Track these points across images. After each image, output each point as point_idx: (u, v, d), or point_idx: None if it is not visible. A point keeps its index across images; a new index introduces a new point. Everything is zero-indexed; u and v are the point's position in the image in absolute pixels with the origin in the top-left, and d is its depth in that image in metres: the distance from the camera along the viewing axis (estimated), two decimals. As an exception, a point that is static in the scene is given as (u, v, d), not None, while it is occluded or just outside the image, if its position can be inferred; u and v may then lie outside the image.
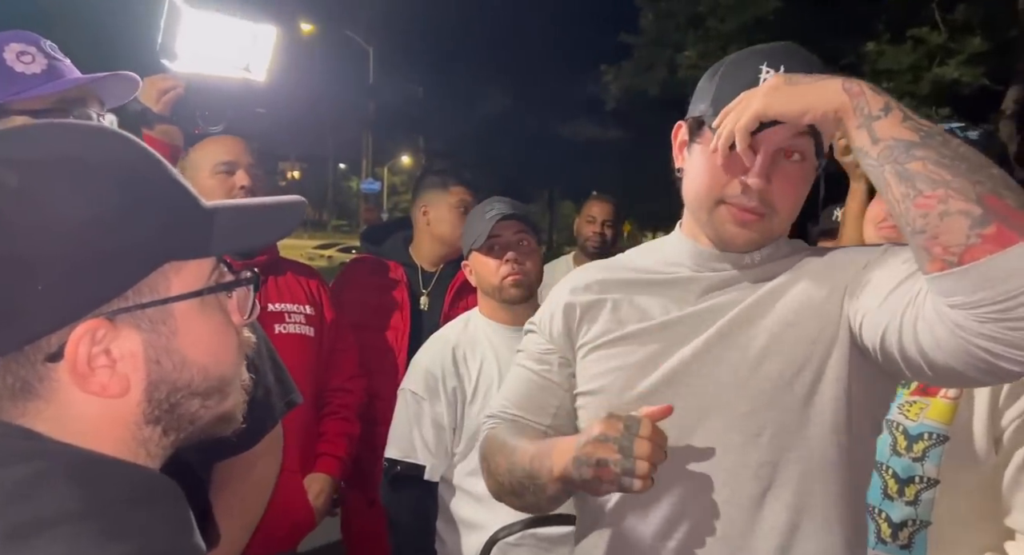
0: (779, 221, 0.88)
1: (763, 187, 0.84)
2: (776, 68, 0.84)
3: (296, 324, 1.77)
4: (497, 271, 1.52)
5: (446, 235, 2.02)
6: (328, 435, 1.82)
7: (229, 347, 0.57)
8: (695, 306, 0.90)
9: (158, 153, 0.56)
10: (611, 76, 11.69)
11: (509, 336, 1.57)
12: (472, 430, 1.50)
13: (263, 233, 0.62)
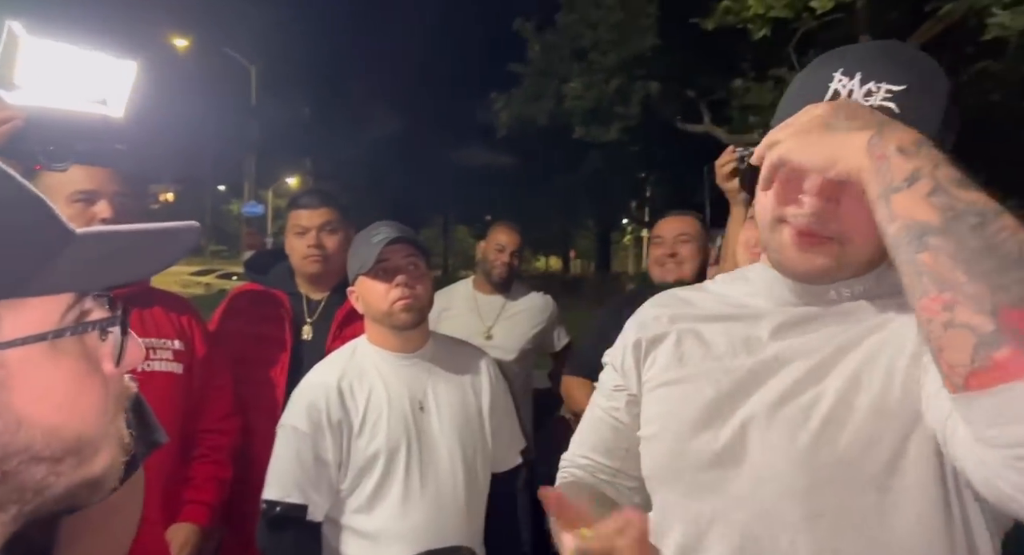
0: (854, 249, 0.73)
1: (821, 208, 0.71)
2: (852, 75, 0.70)
3: (162, 361, 1.63)
4: (386, 296, 1.47)
5: (295, 264, 2.02)
6: (196, 480, 1.68)
7: (90, 400, 0.48)
8: (764, 351, 0.78)
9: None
10: (501, 104, 11.95)
11: (399, 364, 1.52)
12: (360, 464, 1.43)
13: (135, 266, 0.52)
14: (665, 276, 2.16)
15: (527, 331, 2.71)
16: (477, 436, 1.54)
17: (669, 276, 2.15)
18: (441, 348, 1.59)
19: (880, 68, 0.70)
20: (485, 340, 2.63)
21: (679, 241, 2.17)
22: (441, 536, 1.43)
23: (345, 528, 1.44)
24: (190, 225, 0.52)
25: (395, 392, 1.48)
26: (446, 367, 1.56)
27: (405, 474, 1.44)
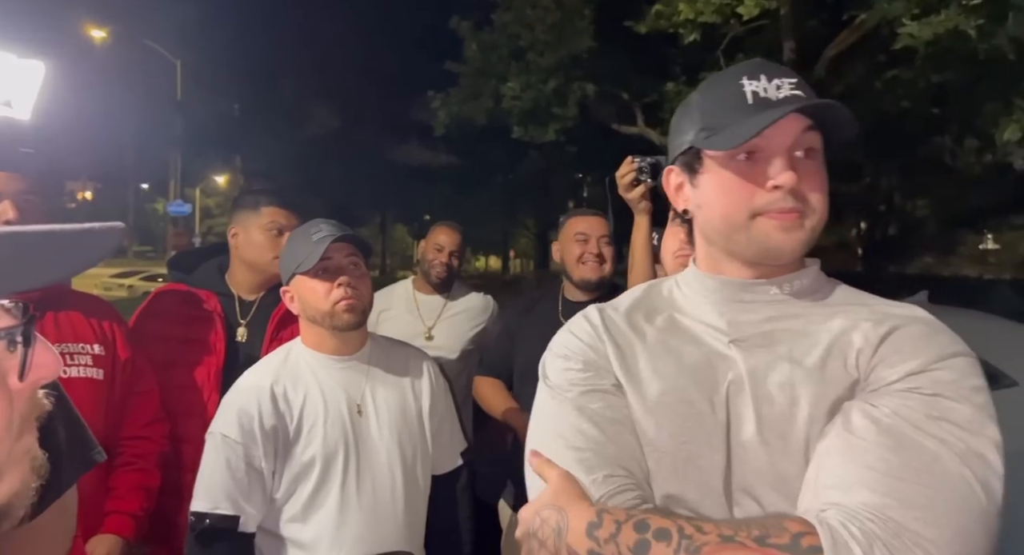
0: (817, 220, 0.80)
1: (795, 183, 0.77)
2: (757, 78, 0.80)
3: (81, 366, 1.54)
4: (328, 296, 1.43)
5: (255, 259, 1.90)
6: (119, 490, 1.60)
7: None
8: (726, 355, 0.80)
9: None
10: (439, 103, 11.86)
11: (336, 367, 1.48)
12: (295, 472, 1.39)
13: (49, 269, 0.47)
14: (589, 274, 2.16)
15: (468, 331, 2.69)
16: (417, 439, 1.51)
17: (593, 274, 2.16)
18: (380, 350, 1.56)
19: (773, 71, 0.82)
20: (426, 341, 2.60)
21: (603, 242, 2.19)
22: (380, 542, 1.41)
23: (280, 538, 1.40)
24: (112, 226, 0.48)
25: (331, 396, 1.44)
26: (385, 369, 1.53)
27: (342, 480, 1.40)
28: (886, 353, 0.75)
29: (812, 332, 0.79)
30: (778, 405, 0.75)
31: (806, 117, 0.79)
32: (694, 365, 0.80)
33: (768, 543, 0.63)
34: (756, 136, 0.76)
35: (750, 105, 0.79)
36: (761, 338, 0.80)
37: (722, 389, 0.78)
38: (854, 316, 0.80)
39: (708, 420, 0.77)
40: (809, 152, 0.80)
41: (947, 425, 0.69)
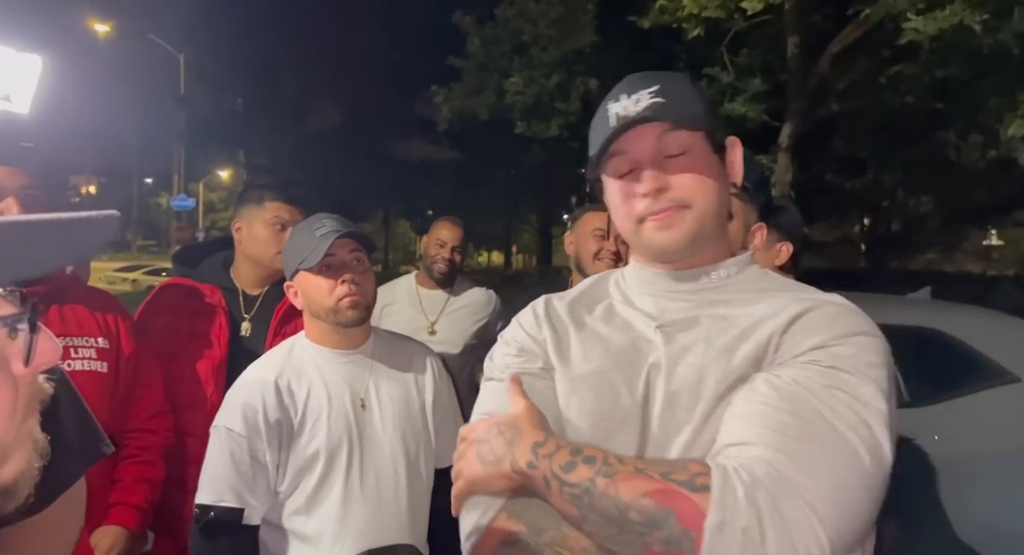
0: (699, 214, 0.86)
1: (657, 184, 0.84)
2: (619, 99, 0.87)
3: (85, 360, 1.55)
4: (332, 293, 1.43)
5: (259, 254, 1.90)
6: (124, 482, 1.61)
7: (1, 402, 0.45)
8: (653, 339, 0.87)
9: None
10: (441, 98, 11.85)
11: (339, 362, 1.49)
12: (299, 465, 1.40)
13: (47, 257, 0.48)
14: (603, 270, 2.17)
15: (470, 326, 2.70)
16: (420, 432, 1.52)
17: (607, 270, 2.16)
18: (383, 344, 1.57)
19: (635, 85, 0.88)
20: (429, 335, 2.61)
21: (621, 240, 2.19)
22: (383, 535, 1.42)
23: (284, 530, 1.41)
24: (109, 214, 0.49)
25: (335, 390, 1.45)
26: (388, 363, 1.54)
27: (346, 473, 1.41)
28: (794, 331, 0.81)
29: (733, 316, 0.85)
30: (687, 384, 0.82)
31: (665, 122, 0.85)
32: (620, 349, 0.87)
33: (670, 478, 0.71)
34: (608, 154, 0.87)
35: (612, 127, 0.86)
36: (686, 323, 0.87)
37: (643, 371, 0.85)
38: (776, 301, 0.85)
39: (626, 400, 0.83)
40: (676, 152, 0.86)
41: (840, 394, 0.74)
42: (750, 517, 0.67)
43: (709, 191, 0.86)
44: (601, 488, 0.72)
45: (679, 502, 0.69)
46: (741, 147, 0.93)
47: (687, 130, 0.86)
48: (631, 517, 0.70)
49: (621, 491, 0.71)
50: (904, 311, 2.87)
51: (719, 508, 0.67)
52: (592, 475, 0.73)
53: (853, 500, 0.70)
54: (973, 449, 2.46)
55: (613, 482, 0.72)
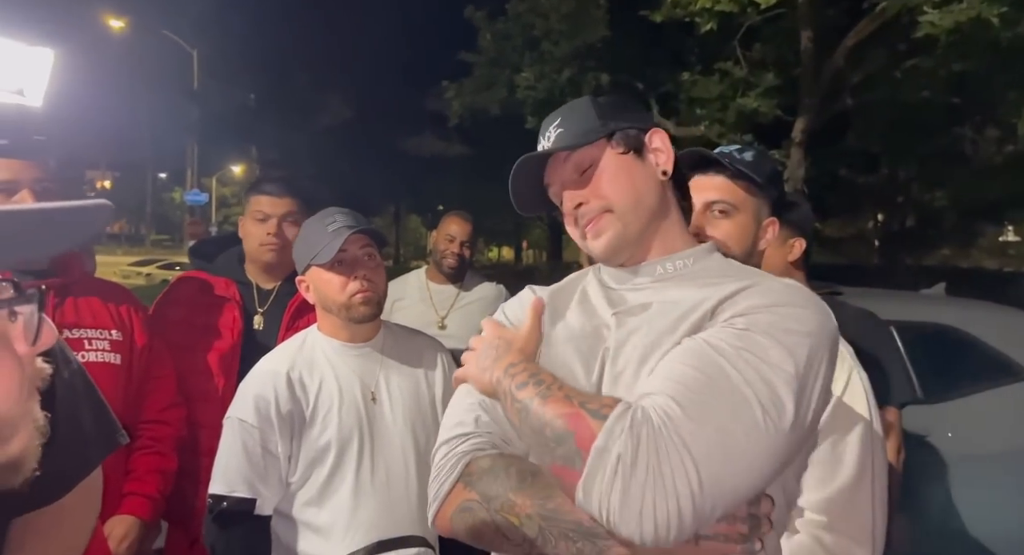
0: (621, 213, 0.93)
1: (574, 202, 0.95)
2: (539, 140, 1.00)
3: (98, 351, 1.58)
4: (344, 288, 1.45)
5: (248, 247, 1.95)
6: (137, 472, 1.63)
7: (5, 381, 0.48)
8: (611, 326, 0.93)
9: None
10: (452, 93, 11.84)
11: (350, 354, 1.50)
12: (311, 456, 1.41)
13: (46, 243, 0.51)
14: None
15: (480, 321, 2.71)
16: (430, 426, 1.53)
17: None
18: (393, 338, 1.58)
19: (546, 125, 1.01)
20: (439, 330, 2.62)
21: None
22: (394, 527, 1.43)
23: (295, 521, 1.42)
24: (100, 203, 0.51)
25: (346, 382, 1.46)
26: (398, 357, 1.55)
27: (357, 465, 1.42)
28: (726, 305, 0.86)
29: (681, 299, 0.91)
30: (630, 365, 0.88)
31: (562, 149, 0.96)
32: (583, 334, 0.95)
33: (584, 406, 0.79)
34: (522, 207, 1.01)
35: (522, 159, 0.97)
36: (638, 308, 0.93)
37: (599, 354, 0.91)
38: (721, 284, 0.90)
39: (582, 381, 0.90)
40: (584, 170, 0.96)
41: (747, 354, 0.79)
42: (627, 446, 0.73)
43: (624, 190, 0.94)
44: (535, 406, 0.82)
45: (581, 425, 0.77)
46: (663, 134, 0.99)
47: (589, 146, 0.95)
48: (546, 433, 0.79)
49: (546, 410, 0.80)
50: (918, 307, 2.85)
51: (606, 434, 0.75)
52: (533, 395, 0.83)
53: (736, 449, 0.74)
54: (987, 446, 2.44)
55: (544, 402, 0.81)
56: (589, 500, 0.74)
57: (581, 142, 0.95)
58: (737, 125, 9.23)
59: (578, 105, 1.00)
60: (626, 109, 1.01)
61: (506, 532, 0.84)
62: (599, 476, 0.73)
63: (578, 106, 1.00)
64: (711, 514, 0.73)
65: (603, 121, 0.97)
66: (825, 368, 0.81)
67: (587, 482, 0.74)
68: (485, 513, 0.86)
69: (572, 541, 0.81)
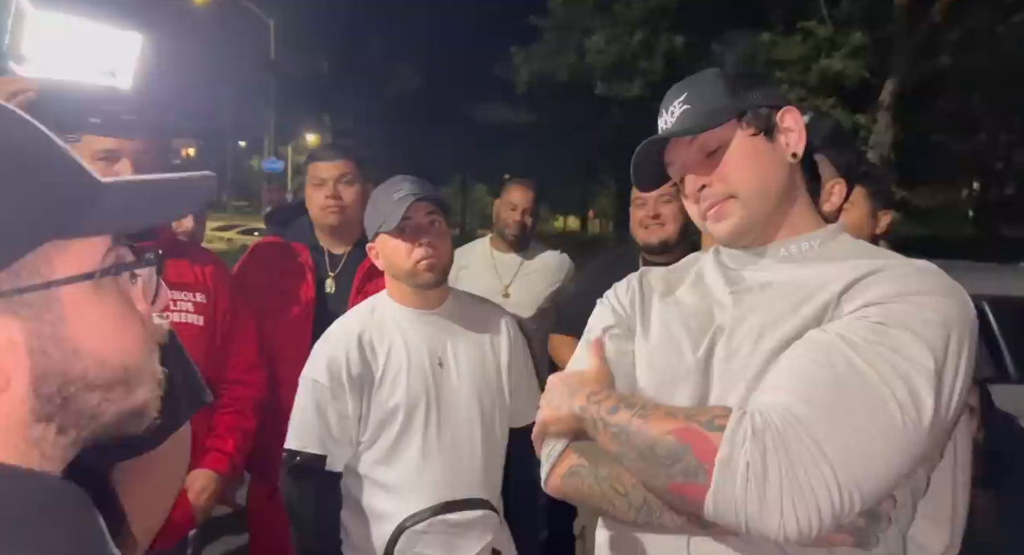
0: (746, 200, 0.90)
1: (697, 185, 0.91)
2: (661, 114, 0.95)
3: (183, 312, 1.66)
4: (410, 255, 1.47)
5: (313, 216, 2.04)
6: (218, 430, 1.73)
7: (132, 335, 0.53)
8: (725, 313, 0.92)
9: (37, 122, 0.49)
10: (521, 59, 11.70)
11: (418, 320, 1.53)
12: (379, 418, 1.46)
13: (161, 211, 0.56)
14: (649, 238, 2.10)
15: (544, 289, 2.71)
16: (495, 392, 1.55)
17: (653, 237, 2.09)
18: (461, 305, 1.60)
19: (670, 98, 0.96)
20: (503, 298, 2.64)
21: (661, 202, 2.09)
22: (459, 489, 1.47)
23: (365, 479, 1.48)
24: (205, 175, 0.55)
25: (414, 348, 1.50)
26: (465, 324, 1.58)
27: (424, 428, 1.47)
28: (855, 289, 0.82)
29: (804, 280, 0.88)
30: (748, 343, 0.86)
31: (686, 131, 0.91)
32: (693, 312, 0.94)
33: (693, 419, 0.78)
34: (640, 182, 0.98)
35: (648, 140, 0.94)
36: (758, 288, 0.91)
37: (709, 331, 0.91)
38: (851, 263, 0.86)
39: (688, 358, 0.90)
40: (712, 151, 0.91)
41: (882, 349, 0.75)
42: (754, 453, 0.72)
43: (751, 176, 0.91)
44: (635, 427, 0.81)
45: (696, 438, 0.76)
46: (795, 113, 0.94)
47: (715, 128, 0.90)
48: (657, 451, 0.78)
49: (650, 429, 0.80)
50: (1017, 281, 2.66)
51: (728, 443, 0.73)
52: (630, 417, 0.82)
53: (873, 449, 0.71)
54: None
55: (645, 422, 0.81)
56: (722, 511, 0.74)
57: (710, 123, 0.90)
58: (820, 88, 8.75)
59: (706, 79, 0.95)
60: (757, 83, 0.96)
61: (613, 499, 0.87)
62: (729, 487, 0.72)
63: (706, 80, 0.95)
64: (850, 513, 0.71)
65: (733, 98, 0.92)
66: (966, 360, 0.77)
67: (717, 494, 0.73)
68: (593, 479, 0.88)
69: (677, 514, 0.82)
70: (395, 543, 1.42)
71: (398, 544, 1.42)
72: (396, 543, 1.42)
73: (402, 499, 1.45)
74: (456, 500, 1.46)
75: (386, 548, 1.42)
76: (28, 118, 0.49)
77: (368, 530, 1.46)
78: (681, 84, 0.96)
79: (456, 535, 1.45)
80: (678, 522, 0.83)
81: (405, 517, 1.42)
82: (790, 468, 0.71)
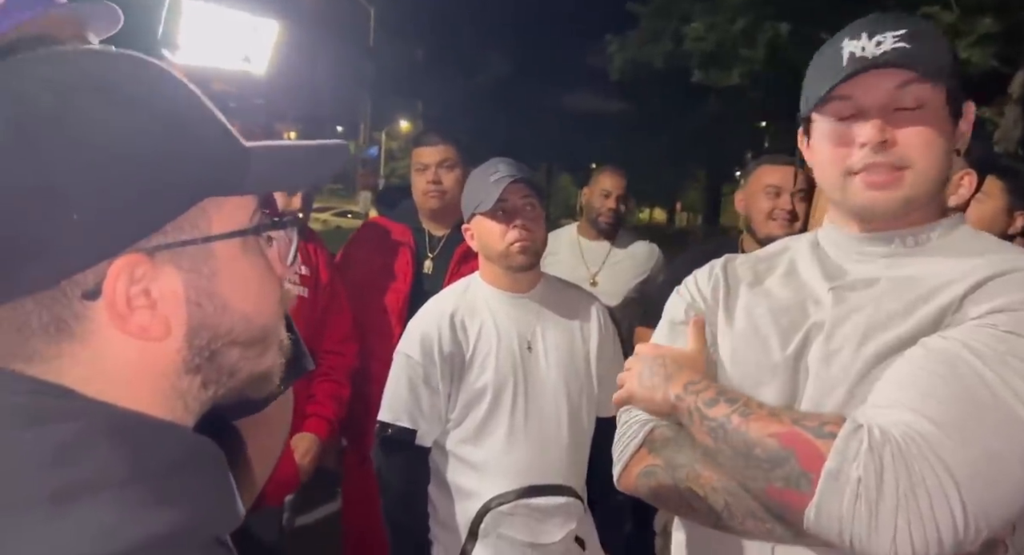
0: (919, 175, 0.80)
1: (882, 136, 0.79)
2: (858, 37, 0.81)
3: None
4: (504, 237, 1.48)
5: (416, 199, 2.11)
6: (318, 396, 1.84)
7: (271, 296, 0.54)
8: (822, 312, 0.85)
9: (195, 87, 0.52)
10: (615, 47, 11.51)
11: (509, 303, 1.54)
12: (468, 397, 1.49)
13: (303, 173, 0.58)
14: (776, 231, 1.94)
15: (631, 279, 2.67)
16: (583, 379, 1.55)
17: (781, 231, 1.94)
18: (551, 290, 1.60)
19: (881, 25, 0.81)
20: (590, 286, 2.62)
21: (797, 198, 1.96)
22: (544, 473, 1.47)
23: (452, 456, 1.51)
24: (339, 143, 0.57)
25: (504, 330, 1.51)
26: (555, 310, 1.57)
27: (511, 410, 1.48)
28: (978, 295, 0.75)
29: (919, 278, 0.81)
30: (851, 344, 0.80)
31: (908, 71, 0.78)
32: (784, 307, 0.88)
33: (799, 423, 0.74)
34: (828, 96, 0.81)
35: (843, 66, 0.80)
36: (862, 283, 0.84)
37: (802, 329, 0.84)
38: (970, 263, 0.79)
39: (775, 354, 0.84)
40: (911, 106, 0.80)
41: (1013, 360, 0.68)
42: (869, 469, 0.67)
43: (935, 153, 0.80)
44: (734, 424, 0.77)
45: (801, 444, 0.72)
46: (972, 107, 0.85)
47: (930, 83, 0.79)
48: (756, 453, 0.74)
49: (751, 429, 0.76)
50: None
51: (838, 455, 0.69)
52: (729, 412, 0.78)
53: (1007, 474, 0.65)
54: None
55: (746, 421, 0.77)
56: (823, 524, 0.70)
57: (939, 75, 0.78)
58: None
59: (926, 28, 0.82)
60: (957, 62, 0.84)
61: (691, 501, 0.83)
62: (836, 501, 0.68)
63: (927, 29, 0.82)
64: (974, 540, 0.66)
65: (955, 66, 0.81)
66: None
67: (821, 506, 0.69)
68: (670, 480, 0.85)
69: (761, 521, 0.79)
70: (480, 521, 1.44)
71: (483, 523, 1.44)
72: (481, 522, 1.44)
73: (487, 479, 1.47)
74: (541, 485, 1.46)
75: (471, 526, 1.45)
76: (188, 83, 0.52)
77: (454, 507, 1.49)
78: (894, 16, 0.82)
79: (540, 520, 1.46)
80: (763, 529, 0.78)
81: (491, 497, 1.44)
82: (910, 488, 0.66)
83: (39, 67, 0.47)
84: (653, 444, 0.89)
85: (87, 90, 0.46)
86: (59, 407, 0.45)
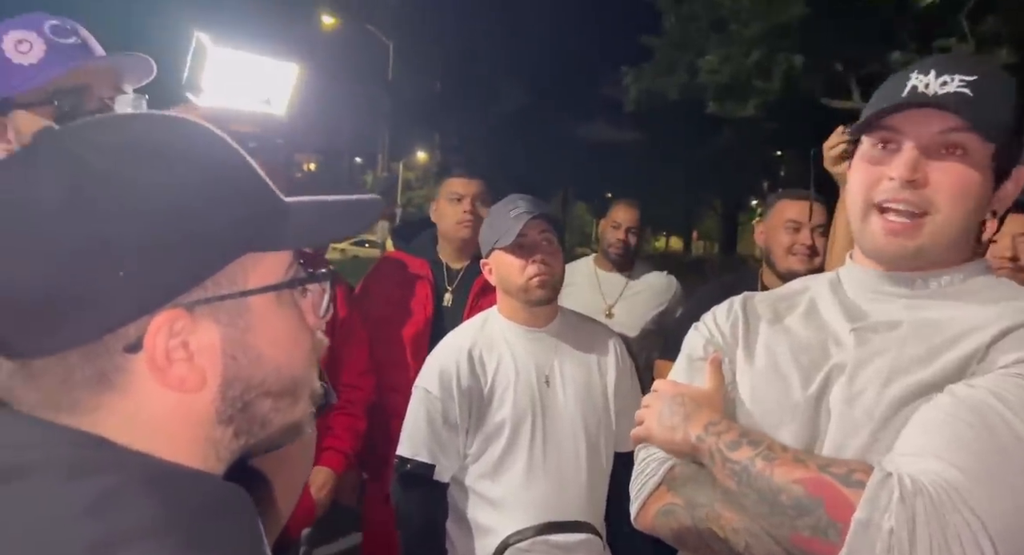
0: (941, 223, 0.79)
1: (912, 174, 0.77)
2: (927, 72, 0.79)
3: None
4: (523, 271, 1.50)
5: (443, 227, 2.11)
6: (335, 430, 1.84)
7: (303, 347, 0.56)
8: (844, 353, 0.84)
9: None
10: (631, 78, 11.65)
11: (527, 337, 1.55)
12: (487, 432, 1.49)
13: (340, 227, 0.60)
14: (796, 266, 1.94)
15: (649, 311, 2.66)
16: (601, 414, 1.54)
17: (802, 267, 1.94)
18: (569, 324, 1.61)
19: (952, 65, 0.79)
20: (606, 318, 2.62)
21: (817, 233, 1.97)
22: (563, 509, 1.46)
23: (471, 491, 1.51)
24: (374, 198, 0.59)
25: (522, 364, 1.52)
26: (573, 344, 1.58)
27: (529, 445, 1.48)
28: (1005, 343, 0.74)
29: (943, 324, 0.79)
30: (873, 386, 0.79)
31: (960, 118, 0.76)
32: (804, 346, 0.87)
33: (827, 470, 0.72)
34: (877, 124, 0.80)
35: (901, 97, 0.80)
36: (886, 326, 0.83)
37: (824, 369, 0.83)
38: (994, 310, 0.78)
39: (796, 395, 0.83)
40: (954, 151, 0.78)
41: None
42: (900, 520, 0.66)
43: (963, 204, 0.79)
44: (758, 469, 0.75)
45: (830, 492, 0.70)
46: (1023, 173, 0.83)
47: (979, 135, 0.77)
48: (781, 500, 0.73)
49: (776, 474, 0.74)
50: None
51: (869, 505, 0.67)
52: (753, 455, 0.77)
53: None
54: None
55: (770, 465, 0.75)
56: None
57: (986, 131, 0.76)
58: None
59: (1000, 80, 0.80)
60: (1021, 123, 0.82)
61: (709, 541, 0.82)
62: (866, 552, 0.67)
63: (998, 78, 0.80)
64: None
65: (1018, 123, 0.79)
66: None
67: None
68: (689, 519, 0.84)
69: None
70: (498, 559, 1.43)
71: (501, 560, 1.43)
72: (499, 559, 1.43)
73: (506, 515, 1.46)
74: (560, 521, 1.45)
75: (490, 562, 1.44)
76: (227, 138, 0.54)
77: (472, 543, 1.48)
78: (969, 61, 0.82)
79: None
80: None
81: (509, 533, 1.43)
82: (944, 541, 0.64)
83: (94, 132, 0.50)
84: (673, 482, 0.88)
85: (135, 150, 0.49)
86: (97, 459, 0.46)
